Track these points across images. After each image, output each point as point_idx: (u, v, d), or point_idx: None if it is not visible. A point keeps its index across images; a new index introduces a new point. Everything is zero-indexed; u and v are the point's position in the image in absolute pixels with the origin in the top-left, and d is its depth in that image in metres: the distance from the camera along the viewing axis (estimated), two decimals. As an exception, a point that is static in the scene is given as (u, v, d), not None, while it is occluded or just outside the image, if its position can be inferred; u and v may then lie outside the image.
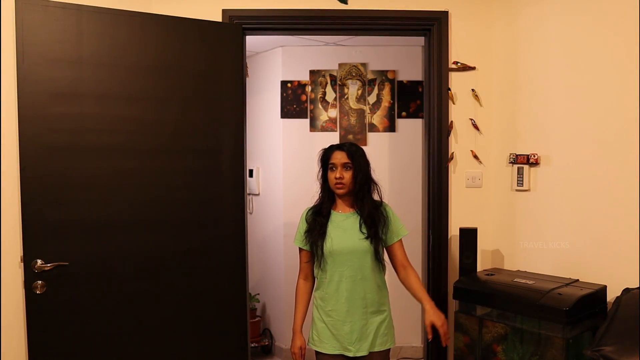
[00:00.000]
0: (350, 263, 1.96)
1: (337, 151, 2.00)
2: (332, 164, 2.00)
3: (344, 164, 1.98)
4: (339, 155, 1.99)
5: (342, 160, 1.98)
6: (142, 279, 2.29)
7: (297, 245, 2.08)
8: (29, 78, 2.05)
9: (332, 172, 2.00)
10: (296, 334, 2.08)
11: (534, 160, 2.48)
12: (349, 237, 1.98)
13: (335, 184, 1.99)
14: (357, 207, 2.02)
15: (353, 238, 1.97)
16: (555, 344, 2.03)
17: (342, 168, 1.98)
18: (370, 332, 1.97)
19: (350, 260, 1.96)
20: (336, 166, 1.98)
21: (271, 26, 2.66)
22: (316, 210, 2.05)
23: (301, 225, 2.07)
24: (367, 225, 1.97)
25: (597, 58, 2.23)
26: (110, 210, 2.21)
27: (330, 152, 2.02)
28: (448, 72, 2.64)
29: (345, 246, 1.97)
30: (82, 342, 2.18)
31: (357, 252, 1.96)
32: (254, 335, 3.81)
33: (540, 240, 2.48)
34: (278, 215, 3.80)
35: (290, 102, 3.72)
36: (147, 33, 2.27)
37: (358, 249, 1.96)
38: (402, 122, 3.72)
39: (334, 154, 2.00)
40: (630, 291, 2.00)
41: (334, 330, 1.99)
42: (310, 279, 2.09)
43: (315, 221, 2.02)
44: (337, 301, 1.97)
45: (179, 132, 2.35)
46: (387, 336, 2.02)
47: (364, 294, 1.97)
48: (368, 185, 2.02)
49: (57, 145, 2.11)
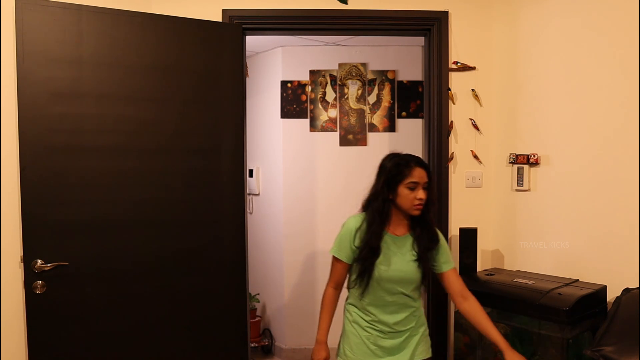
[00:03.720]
0: (396, 289, 1.84)
1: (419, 168, 1.81)
2: (413, 182, 1.79)
3: (425, 184, 1.81)
4: (422, 174, 1.80)
5: (424, 179, 1.80)
6: (142, 279, 2.29)
7: (334, 255, 1.91)
8: (29, 78, 2.05)
9: (411, 192, 1.79)
10: (321, 345, 1.90)
11: (534, 160, 2.48)
12: (403, 264, 1.83)
13: (415, 205, 1.79)
14: (414, 228, 1.87)
15: (406, 264, 1.83)
16: (555, 344, 2.03)
17: (422, 188, 1.80)
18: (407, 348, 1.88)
19: (398, 285, 1.84)
20: (418, 185, 1.79)
21: (271, 26, 2.66)
22: (371, 227, 1.83)
23: (345, 235, 1.88)
24: (419, 246, 1.84)
25: (597, 58, 2.23)
26: (110, 210, 2.21)
27: (409, 168, 1.80)
28: (448, 72, 2.64)
29: (396, 275, 1.82)
30: (82, 342, 2.18)
31: (407, 279, 1.84)
32: (254, 335, 3.81)
33: (540, 240, 2.48)
34: (278, 215, 3.80)
35: (290, 102, 3.72)
36: (147, 33, 2.27)
37: (410, 277, 1.83)
38: (402, 122, 3.72)
39: (416, 171, 1.80)
40: (630, 291, 2.00)
41: (371, 345, 1.88)
42: (340, 289, 1.96)
43: (370, 241, 1.81)
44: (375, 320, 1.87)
45: (179, 132, 2.35)
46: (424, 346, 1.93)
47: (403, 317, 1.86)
48: (434, 207, 1.89)
49: (57, 145, 2.11)
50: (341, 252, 1.88)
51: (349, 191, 3.74)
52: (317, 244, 3.76)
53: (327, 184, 3.74)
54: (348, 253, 1.87)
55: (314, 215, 3.75)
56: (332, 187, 3.74)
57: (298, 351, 3.77)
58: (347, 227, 1.89)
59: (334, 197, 3.74)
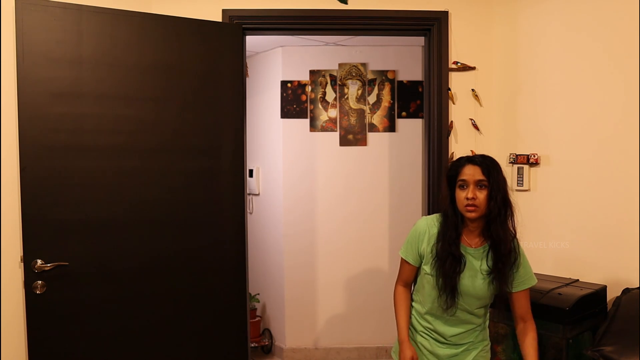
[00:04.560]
0: (459, 304, 1.71)
1: (470, 165, 1.65)
2: (462, 180, 1.64)
3: (478, 182, 1.63)
4: (471, 170, 1.64)
5: (475, 177, 1.62)
6: (142, 279, 2.29)
7: (403, 257, 1.81)
8: (29, 78, 2.05)
9: (462, 191, 1.64)
10: (404, 344, 1.77)
11: (534, 160, 2.48)
12: (476, 280, 1.68)
13: (465, 205, 1.63)
14: (488, 237, 1.67)
15: (476, 279, 1.68)
16: (555, 344, 2.03)
17: (474, 186, 1.63)
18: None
19: (463, 302, 1.71)
20: (468, 184, 1.63)
21: (271, 26, 2.66)
22: (445, 238, 1.68)
23: (413, 237, 1.78)
24: (494, 260, 1.66)
25: (597, 58, 2.23)
26: (110, 210, 2.21)
27: (460, 166, 1.67)
28: (448, 72, 2.64)
29: (468, 290, 1.68)
30: (82, 342, 2.18)
31: (474, 295, 1.69)
32: (254, 335, 3.81)
33: (540, 240, 2.47)
34: (278, 215, 3.80)
35: (290, 102, 3.72)
36: (147, 33, 2.27)
37: (479, 294, 1.68)
38: (402, 122, 3.72)
39: (465, 168, 1.65)
40: (630, 291, 2.00)
41: (424, 349, 1.80)
42: (410, 286, 1.86)
43: (448, 255, 1.66)
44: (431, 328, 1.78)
45: (179, 132, 2.35)
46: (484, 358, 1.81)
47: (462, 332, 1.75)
48: (505, 210, 1.65)
49: (57, 145, 2.11)
50: (408, 254, 1.80)
51: (349, 191, 3.75)
52: (317, 244, 3.76)
53: (327, 184, 3.74)
54: (415, 256, 1.78)
55: (314, 215, 3.75)
56: (332, 187, 3.74)
57: (298, 351, 3.78)
58: (416, 228, 1.79)
59: (334, 197, 3.74)
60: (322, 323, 3.79)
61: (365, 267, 3.72)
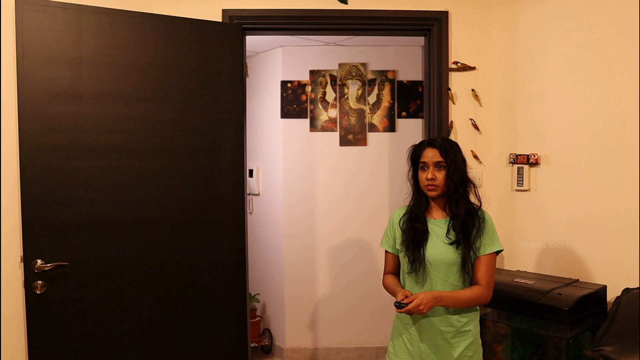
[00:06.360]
0: (433, 275, 1.77)
1: (429, 148, 1.79)
2: (423, 162, 1.79)
3: (437, 163, 1.77)
4: (430, 153, 1.78)
5: (434, 159, 1.77)
6: (142, 279, 2.29)
7: (383, 247, 1.96)
8: (29, 78, 2.05)
9: (423, 172, 1.79)
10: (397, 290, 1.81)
11: (534, 160, 2.48)
12: (437, 246, 1.78)
13: (426, 185, 1.78)
14: (450, 212, 1.80)
15: (440, 247, 1.78)
16: (555, 344, 2.03)
17: (434, 167, 1.77)
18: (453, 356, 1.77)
19: (435, 271, 1.77)
20: (427, 165, 1.78)
21: (271, 26, 2.66)
22: (411, 215, 1.85)
23: (390, 228, 1.93)
24: (455, 230, 1.77)
25: (597, 57, 2.23)
26: (110, 210, 2.21)
27: (421, 149, 1.82)
28: (448, 72, 2.64)
29: (435, 256, 1.77)
30: (82, 342, 2.18)
31: (443, 263, 1.76)
32: (254, 335, 3.81)
33: (540, 240, 2.48)
34: (278, 215, 3.80)
35: (290, 102, 3.72)
36: (147, 33, 2.27)
37: (445, 260, 1.76)
38: (402, 122, 3.72)
39: (425, 151, 1.79)
40: (630, 291, 2.00)
41: (409, 346, 1.83)
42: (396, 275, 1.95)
43: (411, 228, 1.82)
44: (414, 315, 1.78)
45: (179, 132, 2.35)
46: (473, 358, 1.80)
47: (445, 311, 1.77)
48: (464, 187, 1.79)
49: (57, 145, 2.11)
50: (385, 243, 1.95)
51: (349, 191, 3.75)
52: (317, 243, 3.76)
53: (327, 184, 3.74)
54: (391, 243, 1.92)
55: (314, 215, 3.75)
56: (332, 187, 3.74)
57: (298, 351, 3.78)
58: (390, 217, 1.95)
59: (334, 197, 3.74)
60: (322, 323, 3.79)
61: (366, 267, 3.72)
